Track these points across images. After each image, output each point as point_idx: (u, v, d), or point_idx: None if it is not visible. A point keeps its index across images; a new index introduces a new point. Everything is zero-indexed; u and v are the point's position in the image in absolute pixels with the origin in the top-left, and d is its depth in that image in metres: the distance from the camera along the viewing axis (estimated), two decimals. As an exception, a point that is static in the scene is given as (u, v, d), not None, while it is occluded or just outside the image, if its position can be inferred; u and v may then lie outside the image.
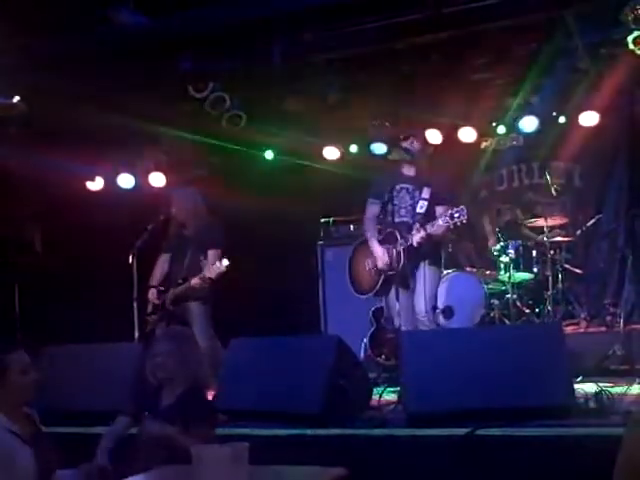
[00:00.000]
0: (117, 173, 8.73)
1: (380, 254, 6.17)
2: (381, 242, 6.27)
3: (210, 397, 4.18)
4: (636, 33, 5.99)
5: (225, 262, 6.25)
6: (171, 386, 3.96)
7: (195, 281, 6.35)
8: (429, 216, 6.04)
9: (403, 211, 6.21)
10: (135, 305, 6.50)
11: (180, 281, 6.51)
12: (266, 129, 8.44)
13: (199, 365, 4.06)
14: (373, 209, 6.39)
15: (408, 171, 6.35)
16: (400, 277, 5.95)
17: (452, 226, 5.75)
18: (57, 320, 8.32)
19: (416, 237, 5.93)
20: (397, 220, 6.15)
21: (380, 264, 6.16)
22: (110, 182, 8.79)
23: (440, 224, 5.80)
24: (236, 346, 5.86)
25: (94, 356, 5.96)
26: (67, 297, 8.81)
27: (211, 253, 6.50)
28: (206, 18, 6.52)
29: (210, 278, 6.29)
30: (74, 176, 8.72)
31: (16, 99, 7.03)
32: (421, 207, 6.12)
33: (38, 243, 9.58)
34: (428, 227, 5.90)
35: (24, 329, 8.77)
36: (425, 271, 6.07)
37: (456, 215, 5.67)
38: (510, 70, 7.57)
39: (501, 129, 8.21)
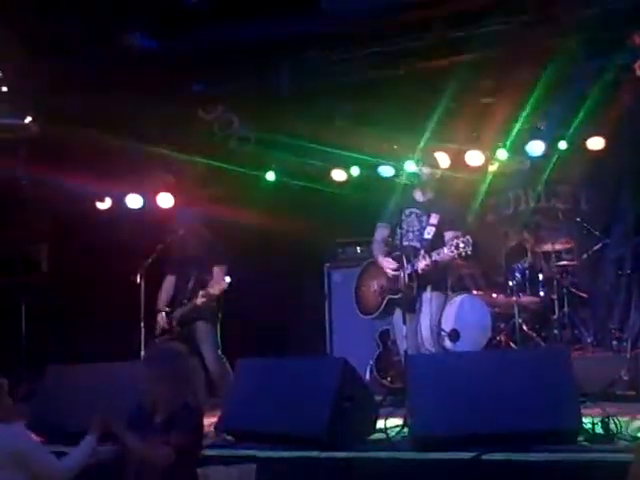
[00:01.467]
0: (125, 193, 8.79)
1: (388, 264, 6.20)
2: None
3: (203, 417, 4.11)
4: (642, 59, 6.04)
5: (227, 279, 6.27)
6: (162, 406, 3.94)
7: (200, 299, 6.37)
8: (436, 242, 6.06)
9: (411, 235, 6.24)
10: (142, 326, 6.51)
11: (185, 301, 6.53)
12: (273, 151, 8.50)
13: (188, 384, 4.02)
14: (382, 232, 6.42)
15: (419, 196, 6.38)
16: (406, 301, 5.97)
17: (457, 256, 5.79)
18: (63, 340, 8.36)
19: (421, 264, 5.96)
20: (405, 244, 6.16)
21: (389, 272, 6.17)
22: (118, 202, 8.85)
23: (445, 252, 5.84)
24: (243, 367, 5.86)
25: (97, 376, 5.96)
26: (73, 317, 8.86)
27: (216, 270, 6.53)
28: (216, 42, 6.61)
29: (214, 295, 6.32)
30: (83, 196, 8.79)
31: (28, 120, 7.11)
32: (428, 233, 6.15)
33: (45, 263, 9.63)
34: (434, 255, 5.93)
35: (30, 348, 8.81)
36: (431, 296, 6.09)
37: (462, 245, 5.72)
38: (517, 94, 7.63)
39: (508, 153, 8.24)
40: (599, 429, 4.86)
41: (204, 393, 6.28)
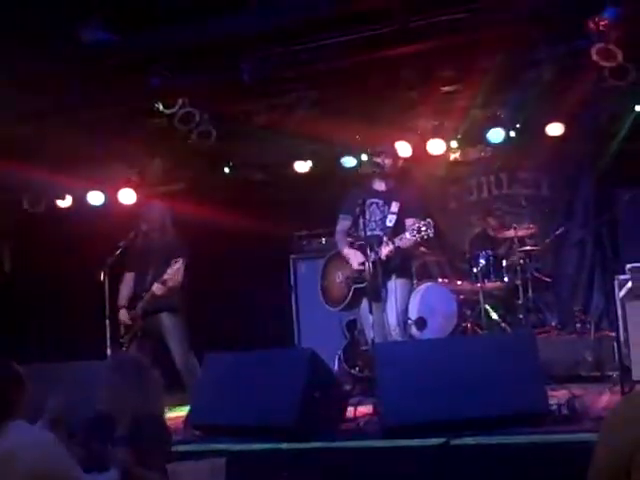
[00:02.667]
0: (87, 190, 8.69)
1: (353, 255, 6.22)
2: None
3: (165, 425, 4.03)
4: (599, 45, 6.09)
5: (178, 265, 6.27)
6: (122, 417, 3.86)
7: (156, 287, 6.35)
8: (398, 229, 6.09)
9: (373, 225, 6.26)
10: (107, 323, 6.45)
11: (144, 294, 6.49)
12: (235, 144, 8.46)
13: (146, 394, 3.91)
14: (344, 224, 6.44)
15: (379, 186, 6.40)
16: (371, 290, 5.98)
17: (419, 239, 5.83)
18: (28, 339, 8.25)
19: (384, 250, 5.99)
20: (368, 234, 6.18)
21: (355, 265, 6.19)
22: (80, 199, 8.75)
23: (407, 237, 5.88)
24: (210, 361, 5.84)
25: (64, 375, 5.87)
26: (37, 316, 8.75)
27: (177, 262, 6.50)
28: (174, 35, 6.54)
29: (170, 283, 6.29)
30: (43, 194, 8.68)
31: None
32: (390, 221, 6.18)
33: (7, 263, 9.50)
34: (396, 240, 5.97)
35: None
36: (396, 284, 6.12)
37: (423, 229, 5.76)
38: (477, 82, 7.67)
39: (468, 140, 8.30)
40: (565, 410, 4.93)
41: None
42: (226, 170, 8.85)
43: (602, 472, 2.14)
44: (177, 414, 6.37)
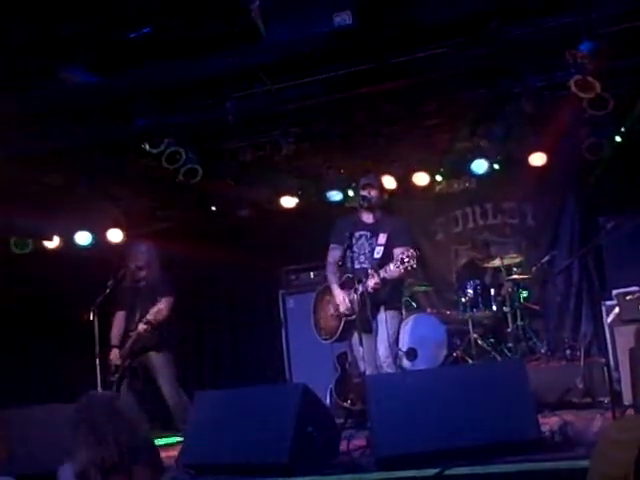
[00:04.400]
0: (74, 231, 8.70)
1: (341, 299, 6.26)
2: (341, 287, 6.36)
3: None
4: (577, 77, 6.21)
5: (161, 304, 6.30)
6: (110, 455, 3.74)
7: (140, 327, 6.37)
8: (386, 260, 6.13)
9: (362, 257, 6.30)
10: (98, 363, 6.43)
11: (131, 333, 6.49)
12: (221, 181, 8.51)
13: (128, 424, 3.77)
14: (334, 254, 6.46)
15: (366, 218, 6.45)
16: (361, 322, 6.00)
17: (403, 270, 5.85)
18: (16, 383, 8.19)
19: (370, 282, 6.02)
20: (357, 266, 6.21)
21: (342, 309, 6.24)
22: (67, 240, 8.76)
23: (392, 269, 5.91)
24: (201, 399, 5.81)
25: (56, 417, 5.84)
26: (27, 360, 8.69)
27: (163, 300, 6.52)
28: (158, 75, 6.60)
29: (153, 321, 6.31)
30: (30, 236, 8.67)
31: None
32: (377, 253, 6.23)
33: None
34: (381, 272, 6.00)
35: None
36: (385, 315, 6.15)
37: (406, 260, 5.79)
38: (459, 115, 7.78)
39: (453, 172, 8.39)
40: (558, 437, 4.94)
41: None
42: (213, 208, 8.88)
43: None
44: (168, 453, 6.33)
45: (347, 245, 6.18)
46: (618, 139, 7.57)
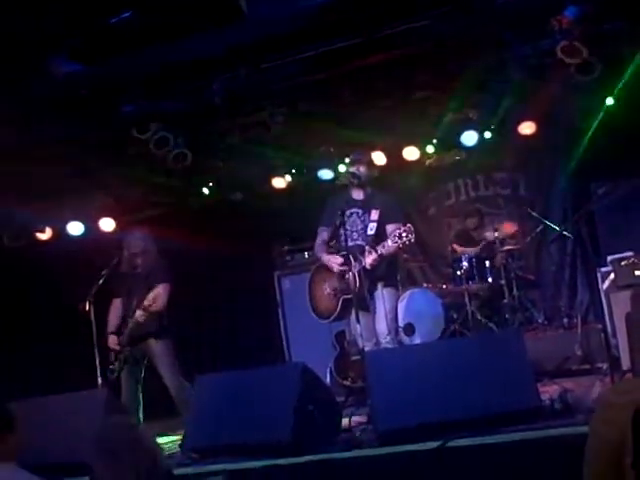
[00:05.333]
0: (66, 221, 8.67)
1: (332, 259, 6.25)
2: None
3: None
4: (563, 42, 6.18)
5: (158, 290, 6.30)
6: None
7: (138, 314, 6.37)
8: (380, 236, 6.12)
9: (355, 235, 6.29)
10: (96, 352, 6.44)
11: (129, 320, 6.50)
12: (211, 164, 8.47)
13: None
14: (323, 235, 6.48)
15: (357, 195, 6.43)
16: (358, 299, 6.00)
17: (401, 245, 5.84)
18: (17, 375, 8.19)
19: (368, 259, 6.01)
20: (350, 244, 6.20)
21: (335, 268, 6.21)
22: (60, 231, 8.73)
23: (389, 244, 5.90)
24: (202, 383, 5.83)
25: (58, 407, 5.86)
26: (24, 351, 8.69)
27: (160, 287, 6.52)
28: (143, 60, 6.55)
29: (151, 309, 6.31)
30: (22, 228, 8.64)
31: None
32: (371, 229, 6.21)
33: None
34: (379, 248, 5.99)
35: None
36: (383, 292, 6.15)
37: (404, 234, 5.78)
38: (448, 87, 7.74)
39: (443, 145, 8.36)
40: (558, 405, 4.96)
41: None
42: (205, 191, 8.84)
43: (595, 462, 2.17)
44: (172, 438, 6.36)
45: (339, 222, 6.17)
46: (610, 102, 7.52)
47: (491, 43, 6.78)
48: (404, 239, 5.78)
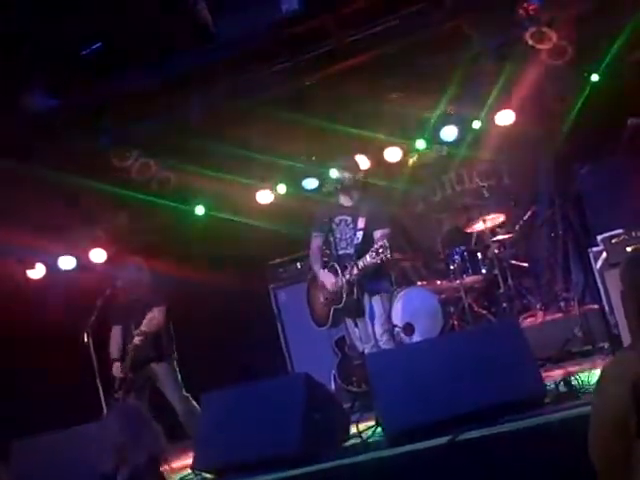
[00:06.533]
0: (56, 256, 8.65)
1: (327, 278, 6.28)
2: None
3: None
4: (532, 29, 6.22)
5: (153, 313, 6.34)
6: (124, 466, 3.80)
7: (137, 338, 6.37)
8: (368, 243, 6.11)
9: (344, 243, 6.30)
10: (99, 382, 6.42)
11: (129, 346, 6.49)
12: (196, 185, 8.47)
13: (145, 441, 3.84)
14: (316, 241, 6.49)
15: (345, 201, 6.44)
16: (351, 307, 6.06)
17: (379, 261, 5.88)
18: (21, 414, 8.14)
19: (354, 272, 6.03)
20: (340, 252, 6.24)
21: (330, 287, 6.23)
22: (51, 266, 8.71)
23: (368, 260, 5.94)
24: (208, 401, 5.81)
25: (65, 443, 5.82)
26: (25, 390, 8.63)
27: (155, 310, 6.52)
28: (117, 88, 6.58)
29: (147, 331, 6.32)
30: (13, 266, 8.61)
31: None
32: (358, 238, 6.22)
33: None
34: (359, 263, 6.00)
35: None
36: (374, 296, 6.16)
37: (381, 250, 5.83)
38: (422, 84, 7.78)
39: (424, 143, 8.39)
40: (563, 388, 4.97)
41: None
42: (192, 212, 8.81)
43: (600, 435, 2.18)
44: (183, 461, 6.33)
45: (327, 230, 6.19)
46: (595, 78, 7.52)
47: (460, 36, 6.81)
48: (381, 255, 5.82)
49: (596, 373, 5.62)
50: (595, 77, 7.48)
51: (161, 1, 5.79)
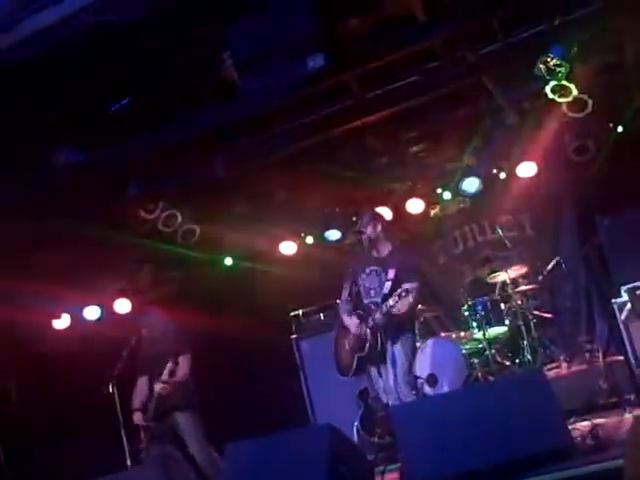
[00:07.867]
0: (82, 307, 8.73)
1: (352, 323, 6.35)
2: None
3: None
4: (552, 83, 6.30)
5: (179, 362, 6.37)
6: None
7: (159, 387, 6.40)
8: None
9: (373, 292, 6.38)
10: (123, 432, 6.43)
11: (153, 395, 6.52)
12: (220, 237, 8.57)
13: None
14: (344, 293, 6.58)
15: (375, 253, 6.51)
16: (376, 355, 6.09)
17: (401, 306, 6.00)
18: (45, 465, 8.16)
19: (377, 316, 6.11)
20: (367, 301, 6.31)
21: (354, 330, 6.28)
22: (77, 316, 8.78)
23: (390, 304, 6.03)
24: (231, 451, 5.78)
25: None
26: (53, 441, 8.66)
27: (180, 359, 6.56)
28: (143, 143, 6.71)
29: (170, 381, 6.34)
30: (40, 318, 8.70)
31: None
32: (386, 288, 6.28)
33: (14, 392, 9.44)
34: (383, 307, 6.10)
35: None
36: (397, 345, 6.20)
37: (403, 294, 5.92)
38: (443, 138, 7.87)
39: (446, 194, 8.45)
40: (590, 441, 4.93)
41: None
42: (217, 262, 8.90)
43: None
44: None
45: (359, 280, 6.28)
46: (620, 129, 7.58)
47: (480, 90, 6.91)
48: (403, 299, 5.97)
49: (624, 425, 5.58)
50: (620, 128, 7.55)
51: (189, 58, 5.93)
